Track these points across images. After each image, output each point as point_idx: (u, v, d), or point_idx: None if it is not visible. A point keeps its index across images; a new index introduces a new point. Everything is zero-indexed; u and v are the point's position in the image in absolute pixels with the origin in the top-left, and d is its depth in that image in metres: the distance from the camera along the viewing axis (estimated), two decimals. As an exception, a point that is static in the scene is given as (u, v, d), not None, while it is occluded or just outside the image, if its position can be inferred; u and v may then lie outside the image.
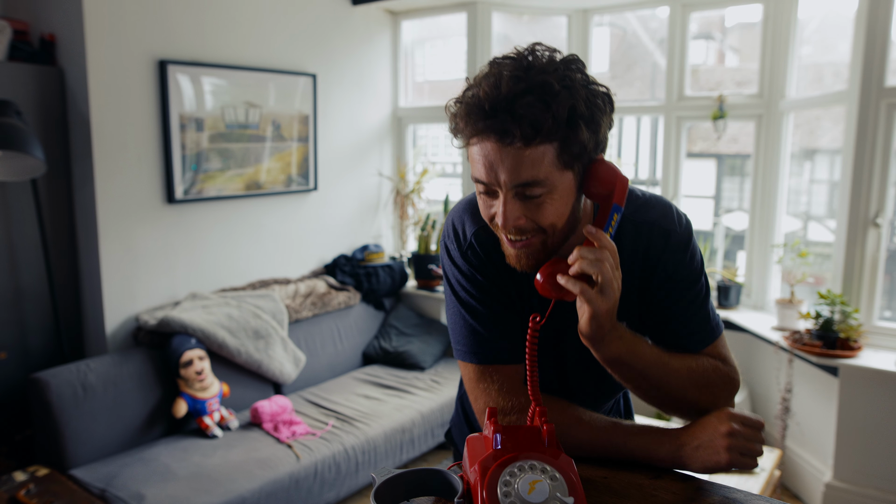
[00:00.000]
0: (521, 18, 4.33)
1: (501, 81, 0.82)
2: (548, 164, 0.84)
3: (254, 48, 3.23)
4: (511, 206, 0.87)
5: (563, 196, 0.88)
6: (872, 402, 2.59)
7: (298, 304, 3.30)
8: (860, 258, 2.69)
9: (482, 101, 0.83)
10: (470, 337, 1.02)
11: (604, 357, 0.90)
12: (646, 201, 1.04)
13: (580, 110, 0.83)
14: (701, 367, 0.97)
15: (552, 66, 0.84)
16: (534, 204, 0.87)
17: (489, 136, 0.83)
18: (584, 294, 0.83)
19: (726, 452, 0.87)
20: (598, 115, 0.86)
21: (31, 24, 2.80)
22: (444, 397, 3.23)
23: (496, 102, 0.82)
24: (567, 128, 0.83)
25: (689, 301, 1.01)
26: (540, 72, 0.83)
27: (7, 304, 2.64)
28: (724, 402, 0.98)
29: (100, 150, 2.70)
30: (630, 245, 1.00)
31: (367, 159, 3.95)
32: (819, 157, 3.78)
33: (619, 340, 0.89)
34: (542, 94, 0.81)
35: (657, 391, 0.94)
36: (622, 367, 0.91)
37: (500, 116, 0.82)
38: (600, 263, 0.83)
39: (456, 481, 0.80)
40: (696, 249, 1.03)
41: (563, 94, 0.82)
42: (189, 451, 2.54)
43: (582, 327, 0.87)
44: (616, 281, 0.85)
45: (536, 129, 0.81)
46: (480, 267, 1.03)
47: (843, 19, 3.20)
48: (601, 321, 0.85)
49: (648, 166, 6.15)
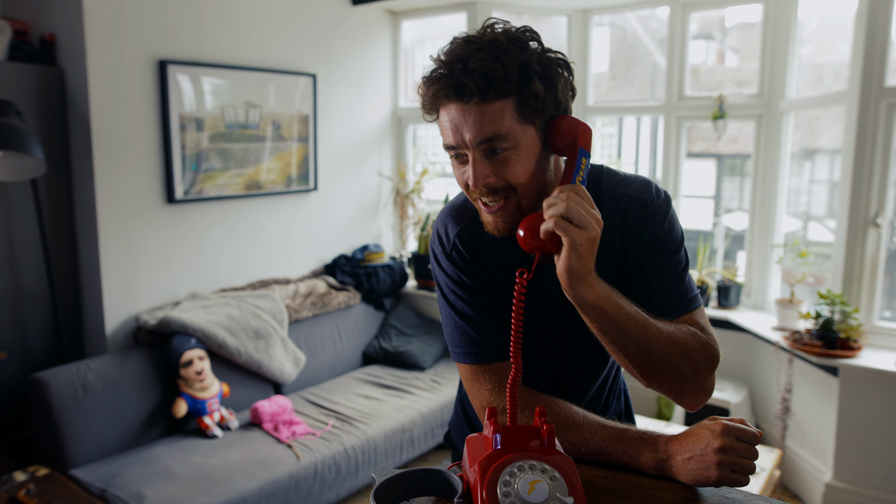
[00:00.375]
0: (520, 18, 4.33)
1: (456, 47, 0.90)
2: (508, 118, 0.89)
3: (254, 48, 3.23)
4: (480, 166, 0.91)
5: (528, 151, 0.92)
6: (872, 402, 2.59)
7: (298, 304, 3.30)
8: (860, 258, 2.69)
9: (440, 66, 0.90)
10: (462, 338, 1.04)
11: (583, 301, 0.87)
12: (624, 177, 1.07)
13: (532, 66, 0.88)
14: (680, 332, 0.95)
15: (505, 32, 0.91)
16: (500, 160, 0.91)
17: (449, 98, 0.90)
18: (559, 225, 0.84)
19: (717, 469, 0.84)
20: (552, 73, 0.91)
21: (31, 24, 2.80)
22: (444, 397, 3.23)
23: (451, 63, 0.89)
24: (521, 81, 0.88)
25: (667, 270, 1.01)
26: (492, 35, 0.90)
27: (7, 304, 2.64)
28: (705, 371, 0.95)
29: (100, 150, 2.70)
30: (608, 218, 1.01)
31: (367, 159, 3.95)
32: (819, 157, 3.79)
33: (599, 284, 0.88)
34: (492, 50, 0.88)
35: (637, 350, 0.90)
36: (601, 315, 0.88)
37: (454, 74, 0.88)
38: (565, 201, 0.85)
39: (456, 481, 0.80)
40: (674, 220, 1.04)
41: (513, 49, 0.88)
42: (189, 451, 2.54)
43: (561, 265, 0.85)
44: (589, 213, 0.85)
45: (489, 80, 0.86)
46: (466, 268, 1.05)
47: (843, 19, 3.20)
48: (581, 252, 0.84)
49: (648, 166, 6.15)
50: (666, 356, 0.92)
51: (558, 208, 0.85)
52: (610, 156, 6.51)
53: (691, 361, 0.94)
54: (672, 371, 0.93)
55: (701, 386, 0.96)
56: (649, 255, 1.01)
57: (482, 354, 1.02)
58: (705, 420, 0.91)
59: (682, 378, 0.94)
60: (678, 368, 0.93)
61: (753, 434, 0.86)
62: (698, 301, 1.03)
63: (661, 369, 0.92)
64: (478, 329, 1.03)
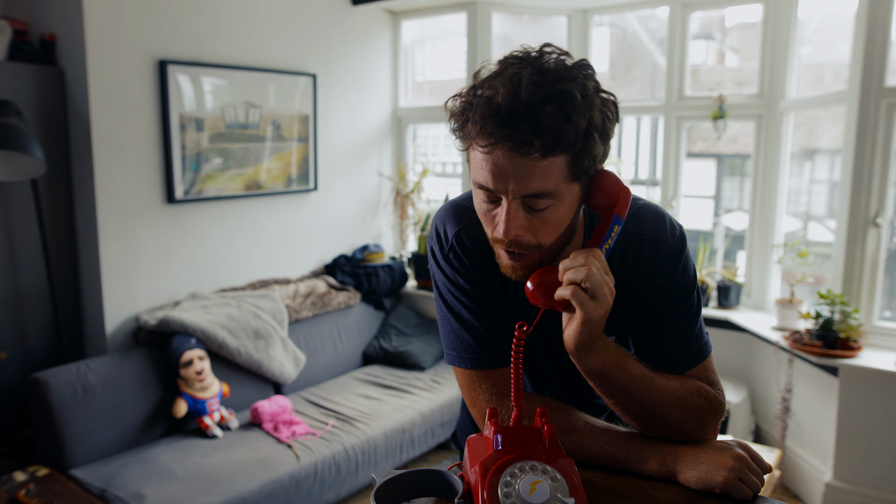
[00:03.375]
0: (521, 18, 4.33)
1: (521, 87, 0.77)
2: (558, 175, 0.81)
3: (254, 48, 3.23)
4: (514, 216, 0.83)
5: (567, 209, 0.85)
6: (872, 402, 2.59)
7: (298, 304, 3.30)
8: (860, 258, 2.69)
9: (499, 106, 0.77)
10: (457, 342, 1.01)
11: (588, 368, 0.86)
12: (637, 210, 0.99)
13: (596, 122, 0.80)
14: (687, 389, 0.93)
15: (570, 73, 0.80)
16: (538, 216, 0.84)
17: (504, 145, 0.79)
18: (576, 297, 0.80)
19: (727, 472, 0.83)
20: (608, 125, 0.83)
21: (31, 24, 2.80)
22: (444, 397, 3.23)
23: (515, 110, 0.77)
24: (583, 140, 0.80)
25: (678, 317, 0.97)
26: (559, 79, 0.78)
27: (7, 305, 2.64)
28: (710, 426, 0.94)
29: (100, 150, 2.69)
30: (619, 256, 0.97)
31: (367, 159, 3.95)
32: (819, 157, 3.78)
33: (605, 351, 0.86)
34: (563, 104, 0.77)
35: (640, 409, 0.90)
36: (605, 381, 0.88)
37: (519, 126, 0.77)
38: (586, 268, 0.80)
39: (456, 482, 0.80)
40: (688, 263, 0.99)
41: (583, 104, 0.78)
42: (189, 451, 2.54)
43: (570, 335, 0.83)
44: (607, 286, 0.82)
45: (557, 141, 0.78)
46: (463, 271, 1.01)
47: (843, 19, 3.20)
48: (593, 328, 0.82)
49: (648, 166, 6.15)
50: (669, 415, 0.91)
51: (578, 274, 0.80)
52: (610, 157, 6.50)
53: (696, 419, 0.92)
54: (675, 427, 0.92)
55: (704, 436, 0.94)
56: (660, 300, 0.97)
57: (478, 360, 0.99)
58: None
59: (685, 432, 0.92)
60: (682, 425, 0.92)
61: (765, 462, 0.87)
62: (708, 349, 1.00)
63: (664, 426, 0.92)
64: (474, 334, 0.99)
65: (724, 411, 0.96)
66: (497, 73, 0.81)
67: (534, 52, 0.83)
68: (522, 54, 0.82)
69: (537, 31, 4.56)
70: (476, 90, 0.82)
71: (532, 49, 0.83)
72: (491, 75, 0.81)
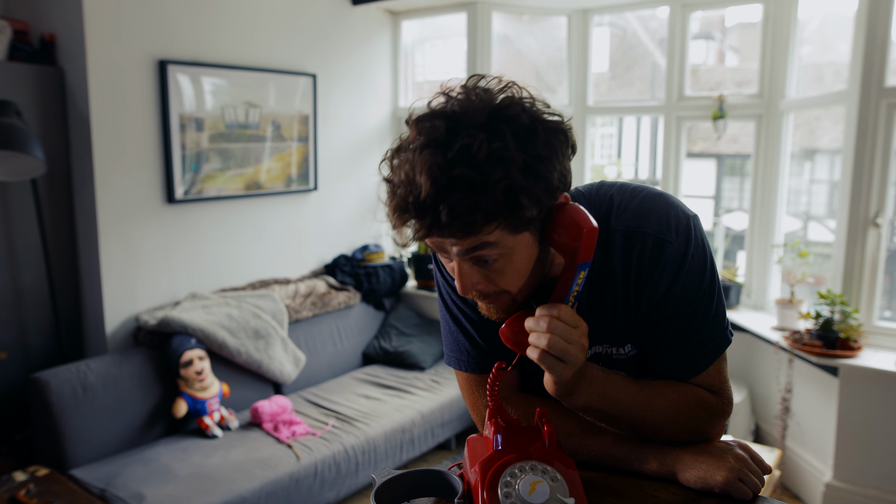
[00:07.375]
0: (521, 18, 4.34)
1: (419, 177, 0.72)
2: (497, 233, 0.76)
3: (254, 48, 3.23)
4: (467, 273, 0.79)
5: (522, 257, 0.80)
6: (872, 402, 2.59)
7: (298, 304, 3.30)
8: (860, 258, 2.69)
9: (407, 200, 0.74)
10: (455, 345, 1.02)
11: (573, 406, 0.87)
12: (638, 207, 0.91)
13: (517, 183, 0.73)
14: (685, 405, 0.90)
15: (477, 138, 0.72)
16: (491, 267, 0.79)
17: (425, 231, 0.76)
18: (543, 361, 0.78)
19: (727, 471, 0.83)
20: (544, 170, 0.75)
21: (31, 24, 2.80)
22: (444, 397, 3.23)
23: (419, 204, 0.73)
24: (508, 208, 0.73)
25: (683, 323, 0.91)
26: (460, 158, 0.71)
27: (7, 304, 2.64)
28: (711, 432, 0.92)
29: (100, 150, 2.70)
30: (621, 258, 0.91)
31: (367, 159, 3.95)
32: (819, 157, 3.79)
33: (590, 388, 0.84)
34: (465, 183, 0.71)
35: (634, 431, 0.90)
36: (594, 413, 0.88)
37: (427, 219, 0.73)
38: (547, 336, 0.77)
39: (456, 482, 0.80)
40: (696, 258, 0.90)
41: (493, 177, 0.71)
42: (189, 451, 2.54)
43: (548, 384, 0.84)
44: (575, 344, 0.78)
45: (468, 230, 0.73)
46: None
47: (843, 19, 3.20)
48: (566, 384, 0.82)
49: (648, 166, 6.16)
50: (664, 433, 0.90)
51: (540, 341, 0.78)
52: (610, 156, 6.51)
53: (693, 430, 0.91)
54: (672, 439, 0.91)
55: (706, 439, 0.93)
56: (667, 304, 0.90)
57: (476, 364, 1.00)
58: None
59: (684, 441, 0.91)
60: (679, 437, 0.91)
61: (765, 462, 0.87)
62: (720, 347, 0.92)
63: (662, 439, 0.91)
64: (472, 340, 1.00)
65: (728, 414, 0.93)
66: (407, 147, 0.76)
67: (454, 103, 0.76)
68: (439, 109, 0.77)
69: (537, 31, 4.56)
70: (391, 176, 0.77)
71: (453, 96, 0.77)
72: (402, 154, 0.76)
